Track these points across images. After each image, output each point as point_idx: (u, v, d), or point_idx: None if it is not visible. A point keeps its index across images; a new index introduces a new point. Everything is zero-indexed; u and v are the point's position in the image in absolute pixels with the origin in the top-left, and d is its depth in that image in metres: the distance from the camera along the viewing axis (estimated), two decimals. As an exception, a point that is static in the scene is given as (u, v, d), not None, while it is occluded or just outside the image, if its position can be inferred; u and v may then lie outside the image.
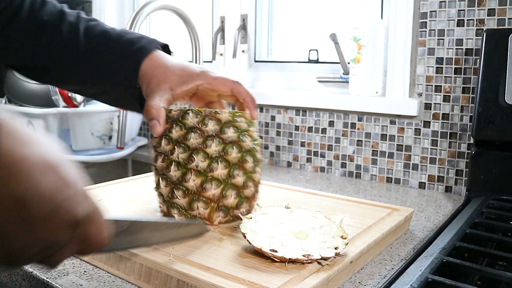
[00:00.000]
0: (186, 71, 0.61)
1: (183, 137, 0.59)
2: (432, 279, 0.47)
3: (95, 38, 0.62)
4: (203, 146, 0.58)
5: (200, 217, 0.59)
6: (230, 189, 0.59)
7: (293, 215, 0.59)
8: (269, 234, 0.53)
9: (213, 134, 0.59)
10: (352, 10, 1.14)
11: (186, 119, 0.59)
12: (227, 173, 0.59)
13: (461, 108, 0.92)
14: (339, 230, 0.54)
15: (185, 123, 0.59)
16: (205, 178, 0.58)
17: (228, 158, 0.59)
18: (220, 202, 0.59)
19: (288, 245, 0.51)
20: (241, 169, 0.60)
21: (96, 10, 1.62)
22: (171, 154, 0.59)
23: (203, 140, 0.58)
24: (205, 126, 0.59)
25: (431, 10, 0.93)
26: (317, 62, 1.18)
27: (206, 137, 0.58)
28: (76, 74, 0.63)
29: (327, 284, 0.48)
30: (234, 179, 0.59)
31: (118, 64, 0.61)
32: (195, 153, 0.58)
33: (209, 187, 0.58)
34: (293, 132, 1.15)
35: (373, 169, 1.03)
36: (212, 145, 0.58)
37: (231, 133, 0.60)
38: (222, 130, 0.59)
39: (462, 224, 0.64)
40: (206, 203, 0.59)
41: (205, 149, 0.58)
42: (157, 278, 0.49)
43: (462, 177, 0.93)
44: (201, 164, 0.58)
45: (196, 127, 0.59)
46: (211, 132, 0.59)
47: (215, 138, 0.59)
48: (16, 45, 0.61)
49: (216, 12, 1.36)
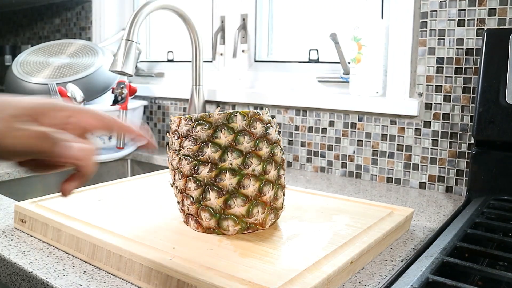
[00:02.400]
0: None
1: (234, 142, 0.56)
2: (433, 279, 0.47)
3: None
4: (256, 149, 0.57)
5: (257, 223, 0.58)
6: (280, 189, 0.59)
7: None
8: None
9: (261, 136, 0.57)
10: (352, 10, 1.14)
11: (235, 122, 0.56)
12: (276, 174, 0.58)
13: (462, 108, 0.92)
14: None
15: (234, 127, 0.56)
16: (261, 182, 0.57)
17: (275, 159, 0.58)
18: (273, 204, 0.59)
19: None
20: (282, 169, 0.60)
21: (96, 10, 1.62)
22: (222, 162, 0.55)
23: (254, 143, 0.57)
24: (254, 128, 0.57)
25: (431, 9, 0.93)
26: (317, 62, 1.18)
27: (256, 140, 0.57)
28: None
29: (327, 284, 0.48)
30: (281, 179, 0.60)
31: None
32: (249, 157, 0.56)
33: (267, 190, 0.57)
34: (293, 132, 1.15)
35: (373, 169, 1.03)
36: (263, 147, 0.57)
37: (273, 133, 0.59)
38: (267, 131, 0.58)
39: (462, 224, 0.64)
40: (263, 208, 0.57)
41: (258, 152, 0.57)
42: (157, 278, 0.49)
43: (463, 177, 0.93)
44: (257, 168, 0.56)
45: (246, 129, 0.57)
46: (259, 133, 0.57)
47: (264, 139, 0.58)
48: None
49: (216, 12, 1.36)
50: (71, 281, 0.51)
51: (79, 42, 1.42)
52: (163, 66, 1.53)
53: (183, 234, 0.58)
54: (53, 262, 0.56)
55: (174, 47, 1.53)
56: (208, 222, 0.57)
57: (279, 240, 0.56)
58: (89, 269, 0.54)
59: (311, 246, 0.54)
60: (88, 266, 0.55)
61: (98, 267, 0.55)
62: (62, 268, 0.54)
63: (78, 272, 0.53)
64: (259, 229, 0.58)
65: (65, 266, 0.55)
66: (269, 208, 0.58)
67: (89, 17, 1.66)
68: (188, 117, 0.57)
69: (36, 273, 0.53)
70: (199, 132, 0.56)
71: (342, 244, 0.55)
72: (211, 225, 0.57)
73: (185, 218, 0.60)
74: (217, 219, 0.56)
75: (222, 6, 1.33)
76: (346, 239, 0.56)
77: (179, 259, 0.50)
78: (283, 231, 0.59)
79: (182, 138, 0.57)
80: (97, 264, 0.55)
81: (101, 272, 0.54)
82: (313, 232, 0.59)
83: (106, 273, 0.53)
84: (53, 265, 0.55)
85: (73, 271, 0.54)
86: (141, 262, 0.50)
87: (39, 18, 1.91)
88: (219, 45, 1.35)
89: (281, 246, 0.54)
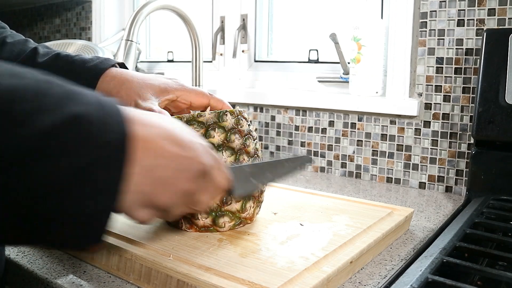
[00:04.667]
0: (162, 82, 0.61)
1: (226, 140, 0.57)
2: (432, 279, 0.47)
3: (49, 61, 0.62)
4: (244, 146, 0.59)
5: (247, 217, 0.60)
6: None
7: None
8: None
9: (247, 133, 0.60)
10: (352, 10, 1.14)
11: (226, 121, 0.58)
12: None
13: (461, 108, 0.92)
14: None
15: (225, 125, 0.58)
16: None
17: (258, 154, 0.61)
18: (259, 198, 0.62)
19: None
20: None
21: (96, 10, 1.62)
22: None
23: (243, 140, 0.59)
24: (241, 126, 0.59)
25: (431, 10, 0.93)
26: (317, 62, 1.18)
27: (244, 137, 0.59)
28: None
29: (327, 284, 0.48)
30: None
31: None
32: (240, 154, 0.58)
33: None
34: (293, 132, 1.15)
35: (373, 169, 1.03)
36: (250, 144, 0.59)
37: (253, 129, 0.62)
38: (250, 128, 0.61)
39: (462, 224, 0.64)
40: (253, 201, 0.60)
41: (246, 149, 0.59)
42: (157, 278, 0.49)
43: (462, 177, 0.93)
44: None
45: (235, 127, 0.58)
46: (246, 131, 0.59)
47: (249, 136, 0.60)
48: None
49: (216, 12, 1.36)
50: (71, 281, 0.51)
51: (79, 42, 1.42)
52: (163, 66, 1.53)
53: (183, 234, 0.58)
54: (53, 262, 0.56)
55: (174, 47, 1.53)
56: (204, 221, 0.58)
57: (279, 240, 0.56)
58: (89, 269, 0.54)
59: (311, 246, 0.54)
60: (88, 266, 0.55)
61: (98, 267, 0.55)
62: (62, 268, 0.54)
63: (78, 272, 0.53)
64: (248, 223, 0.61)
65: (65, 266, 0.55)
66: (257, 201, 0.61)
67: (89, 17, 1.66)
68: (179, 117, 0.57)
69: (36, 273, 0.53)
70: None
71: (342, 244, 0.55)
72: (206, 224, 0.58)
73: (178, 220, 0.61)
74: (213, 217, 0.58)
75: (222, 6, 1.33)
76: (346, 239, 0.56)
77: (179, 259, 0.50)
78: (283, 231, 0.59)
79: None
80: (97, 264, 0.55)
81: (101, 272, 0.54)
82: (313, 232, 0.59)
83: (106, 273, 0.54)
84: (53, 265, 0.55)
85: (73, 271, 0.54)
86: (141, 262, 0.50)
87: (39, 18, 1.91)
88: (219, 45, 1.35)
89: (281, 246, 0.54)
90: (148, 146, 0.35)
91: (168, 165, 0.37)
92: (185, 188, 0.39)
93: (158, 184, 0.36)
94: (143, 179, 0.35)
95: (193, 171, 0.39)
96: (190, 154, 0.39)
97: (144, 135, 0.35)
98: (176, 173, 0.38)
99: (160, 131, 0.37)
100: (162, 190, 0.37)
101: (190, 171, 0.39)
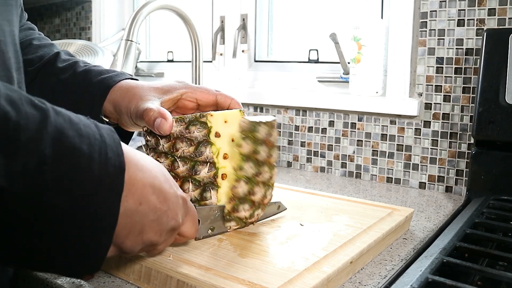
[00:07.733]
0: (166, 84, 0.61)
1: (253, 152, 0.55)
2: (433, 279, 0.47)
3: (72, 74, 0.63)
4: (268, 157, 0.56)
5: (252, 221, 0.59)
6: (270, 188, 0.59)
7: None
8: None
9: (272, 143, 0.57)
10: (352, 10, 1.14)
11: (258, 132, 0.55)
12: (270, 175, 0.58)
13: (462, 108, 0.92)
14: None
15: (257, 136, 0.55)
16: (268, 187, 0.58)
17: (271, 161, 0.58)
18: (267, 203, 0.60)
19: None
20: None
21: (96, 10, 1.62)
22: (240, 170, 0.55)
23: (268, 151, 0.56)
24: (271, 136, 0.56)
25: (431, 9, 0.93)
26: (317, 62, 1.18)
27: (270, 148, 0.56)
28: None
29: (327, 284, 0.48)
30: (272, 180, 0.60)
31: (81, 96, 0.61)
32: (262, 166, 0.56)
33: (270, 194, 0.59)
34: (293, 132, 1.15)
35: (373, 169, 1.03)
36: (274, 154, 0.57)
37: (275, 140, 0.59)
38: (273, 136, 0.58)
39: (462, 224, 0.64)
40: (262, 209, 0.59)
41: (270, 159, 0.56)
42: (157, 278, 0.49)
43: (463, 177, 0.93)
44: (267, 175, 0.56)
45: (265, 139, 0.55)
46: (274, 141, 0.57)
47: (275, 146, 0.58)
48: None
49: (216, 12, 1.36)
50: (71, 281, 0.51)
51: (79, 42, 1.42)
52: (163, 66, 1.53)
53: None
54: (53, 262, 0.56)
55: (174, 47, 1.53)
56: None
57: (279, 240, 0.56)
58: (89, 269, 0.54)
59: (311, 246, 0.54)
60: (88, 266, 0.55)
61: (98, 267, 0.55)
62: (62, 268, 0.54)
63: (78, 272, 0.53)
64: (252, 225, 0.60)
65: (65, 266, 0.55)
66: (263, 206, 0.59)
67: (89, 17, 1.66)
68: (180, 118, 0.55)
69: (36, 273, 0.53)
70: (195, 132, 0.55)
71: (342, 244, 0.55)
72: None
73: None
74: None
75: (222, 6, 1.33)
76: (346, 239, 0.56)
77: (179, 259, 0.50)
78: (283, 231, 0.59)
79: (174, 139, 0.56)
80: (97, 264, 0.55)
81: (101, 272, 0.54)
82: (313, 232, 0.59)
83: (106, 273, 0.53)
84: (53, 265, 0.55)
85: (73, 271, 0.54)
86: (141, 262, 0.50)
87: (39, 18, 1.91)
88: (219, 45, 1.35)
89: (281, 246, 0.54)
90: (133, 190, 0.37)
91: (146, 214, 0.38)
92: (152, 239, 0.40)
93: (130, 229, 0.37)
94: (122, 219, 0.36)
95: (165, 226, 0.41)
96: (166, 208, 0.40)
97: (131, 179, 0.36)
98: (150, 224, 0.39)
99: (145, 176, 0.38)
100: (130, 236, 0.37)
101: (163, 225, 0.40)
